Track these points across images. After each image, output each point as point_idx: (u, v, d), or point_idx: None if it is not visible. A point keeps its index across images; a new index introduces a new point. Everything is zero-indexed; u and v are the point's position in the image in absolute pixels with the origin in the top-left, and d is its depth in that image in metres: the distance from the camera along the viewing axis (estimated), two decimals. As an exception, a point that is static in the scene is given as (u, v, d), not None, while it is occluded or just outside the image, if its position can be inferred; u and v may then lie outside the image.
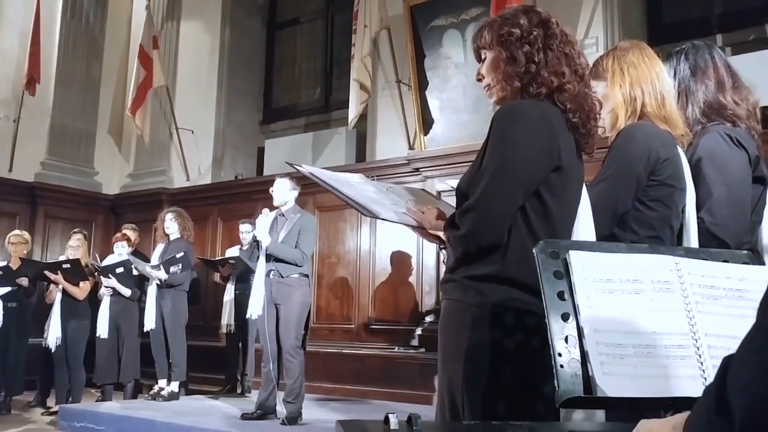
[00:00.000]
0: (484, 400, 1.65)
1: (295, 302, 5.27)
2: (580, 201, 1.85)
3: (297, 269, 5.32)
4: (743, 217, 2.29)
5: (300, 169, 2.14)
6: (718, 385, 0.69)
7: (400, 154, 7.37)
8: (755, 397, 0.63)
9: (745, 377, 0.65)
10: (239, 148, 9.66)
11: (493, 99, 1.89)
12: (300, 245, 5.34)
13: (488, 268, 1.70)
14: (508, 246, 1.70)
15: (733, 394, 0.66)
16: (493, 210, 1.69)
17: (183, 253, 6.50)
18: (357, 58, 7.33)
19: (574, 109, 1.77)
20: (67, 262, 6.63)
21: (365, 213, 2.03)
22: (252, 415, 5.31)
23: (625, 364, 1.19)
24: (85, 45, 9.73)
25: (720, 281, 1.32)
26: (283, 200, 5.50)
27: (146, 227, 8.09)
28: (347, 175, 2.26)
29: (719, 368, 0.71)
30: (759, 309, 0.66)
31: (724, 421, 0.66)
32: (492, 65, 1.86)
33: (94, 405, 6.37)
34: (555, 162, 1.73)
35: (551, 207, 1.73)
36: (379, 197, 2.09)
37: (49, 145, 9.31)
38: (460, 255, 1.76)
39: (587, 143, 1.84)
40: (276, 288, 5.25)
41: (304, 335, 5.36)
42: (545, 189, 1.73)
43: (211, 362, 7.62)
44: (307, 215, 5.69)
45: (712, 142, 2.30)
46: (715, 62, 2.44)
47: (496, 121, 1.76)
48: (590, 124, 1.82)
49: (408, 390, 6.42)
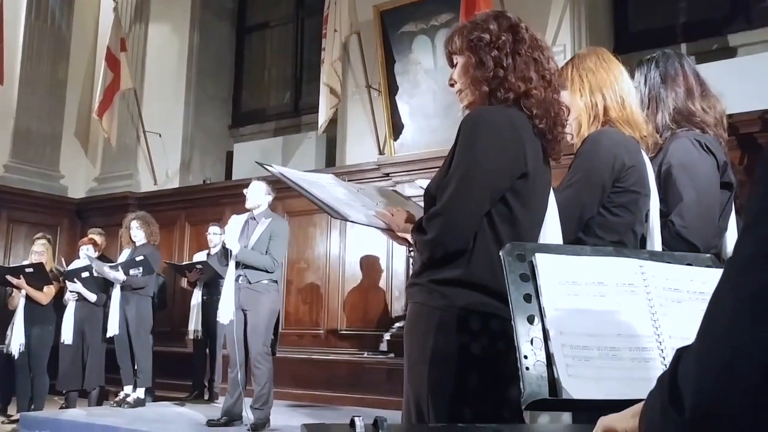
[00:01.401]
0: (450, 404, 1.65)
1: (263, 308, 5.22)
2: (546, 207, 1.86)
3: (266, 275, 5.27)
4: (712, 221, 2.34)
5: (270, 169, 2.13)
6: (671, 375, 0.71)
7: (370, 159, 7.37)
8: (702, 387, 0.65)
9: (692, 368, 0.67)
10: (208, 152, 9.58)
11: (463, 104, 1.89)
12: (271, 251, 5.30)
13: (453, 272, 1.71)
14: (473, 251, 1.71)
15: (683, 384, 0.68)
16: (459, 216, 1.70)
17: (143, 257, 6.41)
18: (327, 63, 7.31)
19: (541, 115, 1.78)
20: (30, 266, 6.51)
21: (334, 215, 2.03)
22: (218, 422, 5.26)
23: (590, 366, 1.20)
24: (51, 46, 9.59)
25: (684, 284, 1.33)
26: (257, 203, 5.45)
27: (113, 231, 7.97)
28: (318, 176, 2.25)
29: (673, 358, 0.72)
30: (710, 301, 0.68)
31: (676, 410, 0.67)
32: (462, 70, 1.87)
33: (57, 412, 6.25)
34: (521, 169, 1.74)
35: (517, 213, 1.74)
36: (348, 199, 2.08)
37: (12, 147, 9.15)
38: (426, 259, 1.77)
39: (554, 149, 1.85)
40: (244, 294, 5.20)
41: (274, 341, 5.32)
42: (511, 195, 1.74)
43: (178, 368, 7.53)
44: (278, 220, 5.65)
45: (682, 147, 2.35)
46: (684, 70, 2.49)
47: (463, 127, 1.76)
48: (557, 130, 1.82)
49: (377, 395, 6.40)
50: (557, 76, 1.87)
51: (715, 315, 0.67)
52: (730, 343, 0.63)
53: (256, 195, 5.46)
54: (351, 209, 2.03)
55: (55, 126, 9.62)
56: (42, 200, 9.28)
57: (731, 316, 0.64)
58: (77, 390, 6.68)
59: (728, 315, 0.65)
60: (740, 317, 0.63)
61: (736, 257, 0.68)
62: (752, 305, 0.63)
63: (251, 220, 5.46)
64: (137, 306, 6.51)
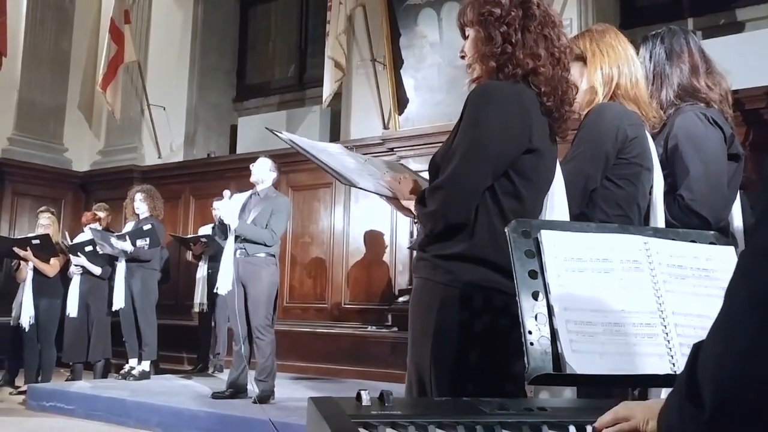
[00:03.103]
0: (453, 378, 1.67)
1: (263, 282, 5.27)
2: (551, 184, 1.85)
3: (264, 249, 5.31)
4: (721, 194, 2.35)
5: (281, 136, 2.13)
6: (689, 371, 0.70)
7: (375, 134, 7.35)
8: (722, 385, 0.64)
9: (711, 365, 0.66)
10: (212, 126, 9.56)
11: (471, 78, 1.89)
12: (271, 225, 5.33)
13: (457, 247, 1.71)
14: (476, 225, 1.71)
15: (703, 381, 0.67)
16: (461, 190, 1.70)
17: (151, 226, 6.43)
18: (332, 36, 7.27)
19: (549, 93, 1.76)
20: (37, 238, 6.52)
21: (343, 181, 2.03)
22: (223, 394, 5.31)
23: (593, 342, 1.21)
24: (54, 18, 9.52)
25: (687, 261, 1.34)
26: (261, 179, 5.48)
27: (117, 205, 7.98)
28: (327, 144, 2.26)
29: (690, 354, 0.72)
30: (725, 295, 0.68)
31: (695, 407, 0.67)
32: (472, 44, 1.85)
33: (64, 384, 6.32)
34: (526, 144, 1.73)
35: (520, 188, 1.74)
36: (356, 167, 2.09)
37: (16, 120, 9.13)
38: (429, 232, 1.77)
39: (560, 128, 1.84)
40: (243, 267, 5.24)
41: (273, 315, 5.37)
42: (515, 170, 1.73)
43: (183, 341, 7.59)
44: (281, 197, 5.68)
45: (688, 121, 2.35)
46: (690, 47, 2.48)
47: (470, 100, 1.76)
48: (564, 108, 1.81)
49: (380, 369, 6.45)
50: (568, 53, 1.84)
51: (731, 309, 0.67)
52: (746, 338, 0.63)
53: (260, 171, 5.49)
54: (359, 176, 2.04)
55: (59, 99, 9.60)
56: (46, 173, 9.28)
57: (747, 310, 0.64)
58: (82, 362, 6.74)
59: (744, 310, 0.64)
60: (756, 312, 0.63)
61: (749, 250, 0.67)
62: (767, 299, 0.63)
63: (254, 195, 5.49)
64: (142, 279, 6.54)
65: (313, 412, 1.07)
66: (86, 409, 5.55)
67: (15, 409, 5.94)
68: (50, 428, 5.17)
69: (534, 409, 1.15)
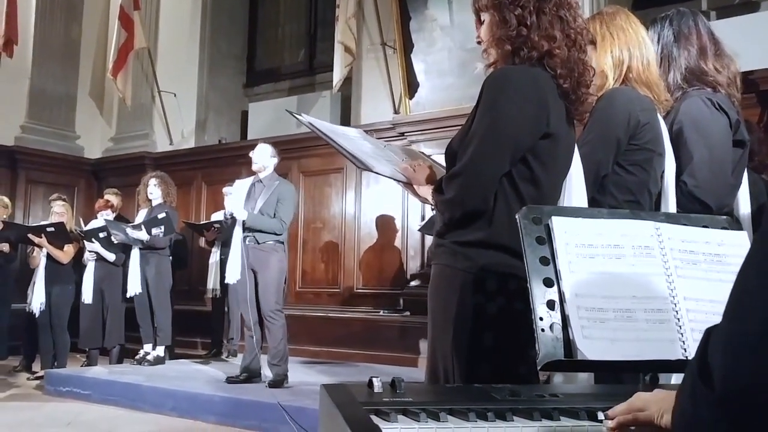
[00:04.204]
0: (474, 363, 1.66)
1: (272, 268, 5.33)
2: (569, 168, 1.84)
3: (273, 236, 5.37)
4: (725, 180, 2.32)
5: (300, 118, 2.14)
6: (701, 353, 0.70)
7: (385, 118, 7.33)
8: (731, 364, 0.65)
9: (721, 345, 0.67)
10: (223, 112, 9.57)
11: (487, 62, 1.87)
12: (279, 214, 5.37)
13: (477, 233, 1.71)
14: (494, 212, 1.70)
15: (713, 361, 0.67)
16: (479, 177, 1.69)
17: (165, 214, 6.47)
18: (341, 20, 7.24)
19: (565, 75, 1.74)
20: (51, 226, 6.58)
21: (359, 165, 2.03)
22: (237, 379, 5.36)
23: (605, 328, 1.21)
24: (64, 5, 9.55)
25: (699, 246, 1.33)
26: (263, 165, 5.50)
27: (129, 191, 8.03)
28: (346, 129, 2.25)
29: (703, 336, 0.72)
30: (737, 276, 0.68)
31: (707, 387, 0.67)
32: (487, 28, 1.83)
33: (80, 370, 6.39)
34: (543, 129, 1.72)
35: (538, 173, 1.73)
36: (373, 152, 2.08)
37: (28, 108, 9.19)
38: (447, 220, 1.76)
39: (577, 110, 1.82)
40: (252, 254, 5.30)
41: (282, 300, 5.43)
42: (533, 156, 1.72)
43: (197, 326, 7.65)
44: (285, 183, 5.70)
45: (693, 106, 2.32)
46: (698, 29, 2.45)
47: (486, 86, 1.74)
48: (581, 90, 1.78)
49: (392, 353, 6.49)
50: (585, 35, 1.82)
51: (743, 291, 0.67)
52: (758, 319, 0.63)
53: (261, 157, 5.51)
54: (375, 161, 2.04)
55: (70, 86, 9.64)
56: (59, 161, 9.35)
57: (759, 292, 0.64)
58: (98, 348, 6.81)
59: (755, 291, 0.64)
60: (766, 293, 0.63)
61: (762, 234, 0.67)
62: None
63: (258, 183, 5.51)
64: (157, 265, 6.60)
65: (325, 400, 1.08)
66: (102, 394, 5.62)
67: (32, 394, 6.02)
68: (67, 413, 5.24)
69: (546, 396, 1.15)
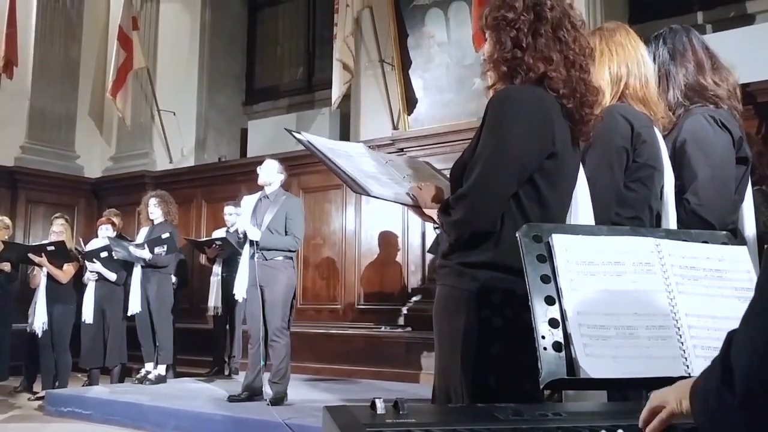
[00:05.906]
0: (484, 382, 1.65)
1: (280, 284, 5.28)
2: (575, 187, 1.83)
3: (282, 252, 5.33)
4: (728, 198, 2.32)
5: (298, 137, 2.09)
6: (723, 358, 0.72)
7: (385, 134, 7.35)
8: (752, 370, 0.67)
9: (742, 353, 0.69)
10: (222, 130, 9.60)
11: (487, 84, 1.86)
12: (291, 230, 5.36)
13: (483, 255, 1.69)
14: (501, 232, 1.69)
15: (735, 366, 0.69)
16: (486, 198, 1.68)
17: (168, 234, 6.47)
18: (339, 38, 7.28)
19: (567, 95, 1.73)
20: (52, 245, 6.58)
21: (355, 188, 1.95)
22: (239, 397, 5.33)
23: (607, 346, 1.21)
24: (63, 26, 9.59)
25: (700, 262, 1.34)
26: (269, 181, 5.49)
27: (129, 210, 8.04)
28: (349, 146, 2.19)
29: (724, 342, 0.74)
30: (756, 285, 0.70)
31: (728, 390, 0.69)
32: (488, 48, 1.83)
33: (81, 390, 6.37)
34: (549, 149, 1.71)
35: (545, 193, 1.72)
36: (376, 171, 2.03)
37: (28, 128, 9.21)
38: (453, 240, 1.75)
39: (581, 131, 1.80)
40: (261, 270, 5.25)
41: (289, 317, 5.39)
42: (539, 176, 1.71)
43: (199, 345, 7.62)
44: (292, 198, 5.69)
45: (696, 124, 2.32)
46: (693, 45, 2.45)
47: (491, 107, 1.73)
48: (584, 111, 1.76)
49: (395, 369, 6.46)
50: (587, 55, 1.79)
51: (762, 297, 0.68)
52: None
53: (268, 173, 5.50)
54: (375, 182, 1.97)
55: (70, 106, 9.67)
56: (59, 180, 9.35)
57: None
58: (99, 367, 6.79)
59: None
60: None
61: None
62: None
63: (264, 198, 5.50)
64: (158, 284, 6.59)
65: (328, 422, 1.08)
66: (103, 413, 5.59)
67: (33, 415, 5.99)
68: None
69: (549, 415, 1.15)
